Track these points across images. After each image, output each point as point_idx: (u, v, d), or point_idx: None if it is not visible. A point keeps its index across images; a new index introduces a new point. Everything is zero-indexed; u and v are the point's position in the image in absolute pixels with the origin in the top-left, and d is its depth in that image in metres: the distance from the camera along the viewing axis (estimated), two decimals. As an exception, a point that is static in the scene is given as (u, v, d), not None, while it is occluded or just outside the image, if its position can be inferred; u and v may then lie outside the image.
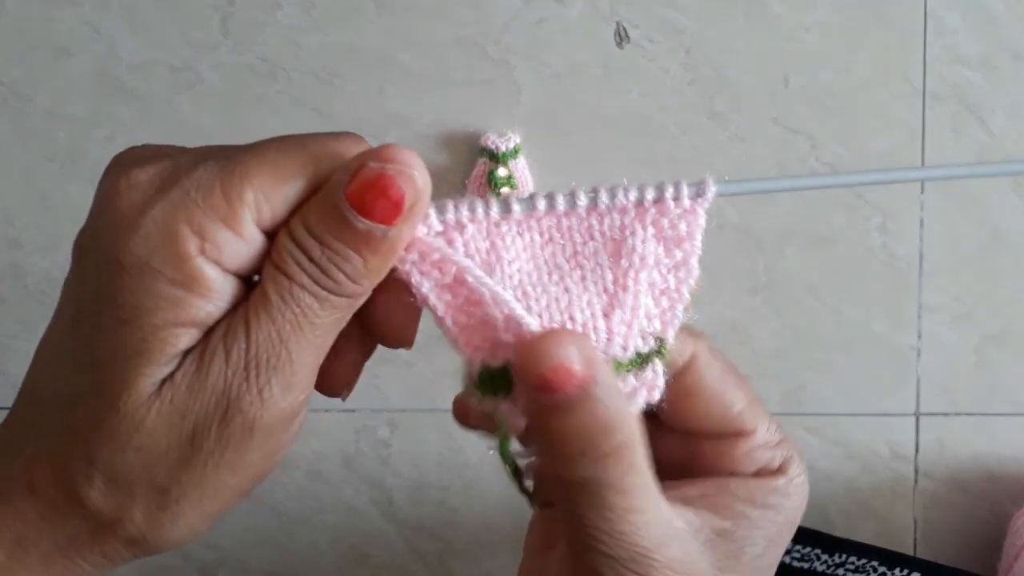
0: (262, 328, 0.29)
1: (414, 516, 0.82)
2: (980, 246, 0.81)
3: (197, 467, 0.30)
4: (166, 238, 0.29)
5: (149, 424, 0.29)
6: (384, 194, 0.29)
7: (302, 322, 0.30)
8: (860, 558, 0.68)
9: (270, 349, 0.29)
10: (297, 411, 0.31)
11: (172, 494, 0.30)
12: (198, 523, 0.32)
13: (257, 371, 0.29)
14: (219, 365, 0.29)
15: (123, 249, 0.29)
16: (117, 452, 0.30)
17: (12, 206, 0.80)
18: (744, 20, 0.79)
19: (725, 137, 0.79)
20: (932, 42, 0.79)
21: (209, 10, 0.78)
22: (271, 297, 0.29)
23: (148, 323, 0.29)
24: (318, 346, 0.31)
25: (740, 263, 0.80)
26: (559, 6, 0.78)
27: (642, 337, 0.34)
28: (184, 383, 0.29)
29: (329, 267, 0.29)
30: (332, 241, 0.29)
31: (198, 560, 0.83)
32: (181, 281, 0.29)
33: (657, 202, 0.33)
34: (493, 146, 0.76)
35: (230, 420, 0.30)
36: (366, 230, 0.29)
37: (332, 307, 0.30)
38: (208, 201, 0.29)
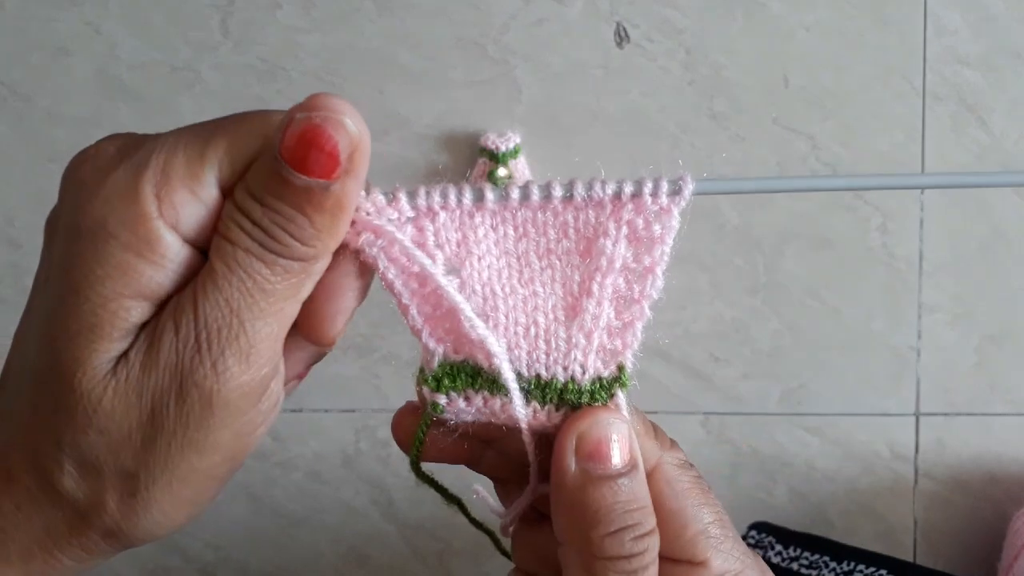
0: (209, 298, 0.28)
1: (414, 516, 0.82)
2: (980, 246, 0.81)
3: (161, 449, 0.29)
4: (125, 198, 0.28)
5: (107, 404, 0.28)
6: (315, 145, 0.27)
7: (251, 288, 0.28)
8: (869, 566, 0.68)
9: (220, 319, 0.28)
10: (263, 386, 0.29)
11: (140, 479, 0.29)
12: (172, 510, 0.30)
13: (209, 343, 0.28)
14: (169, 340, 0.28)
15: (83, 213, 0.28)
16: (80, 434, 0.28)
17: (12, 206, 0.80)
18: (744, 20, 0.79)
19: (725, 137, 0.79)
20: (932, 42, 0.79)
21: (209, 10, 0.78)
22: (216, 266, 0.28)
23: (97, 294, 0.28)
24: (276, 315, 0.29)
25: (740, 263, 0.80)
26: (559, 6, 0.78)
27: (602, 359, 0.32)
28: (137, 361, 0.28)
29: (273, 228, 0.28)
30: (272, 201, 0.28)
31: (198, 560, 0.83)
32: (135, 245, 0.28)
33: (635, 196, 0.31)
34: (493, 146, 0.76)
35: (186, 396, 0.28)
36: (305, 186, 0.28)
37: (284, 271, 0.28)
38: (171, 162, 0.28)
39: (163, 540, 0.32)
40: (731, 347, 0.80)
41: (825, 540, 0.73)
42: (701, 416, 0.81)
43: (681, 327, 0.79)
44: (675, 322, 0.79)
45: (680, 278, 0.78)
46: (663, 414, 0.80)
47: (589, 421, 0.31)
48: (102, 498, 0.29)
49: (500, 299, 0.32)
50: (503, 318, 0.32)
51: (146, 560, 0.82)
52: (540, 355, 0.32)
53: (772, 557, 0.72)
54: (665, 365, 0.79)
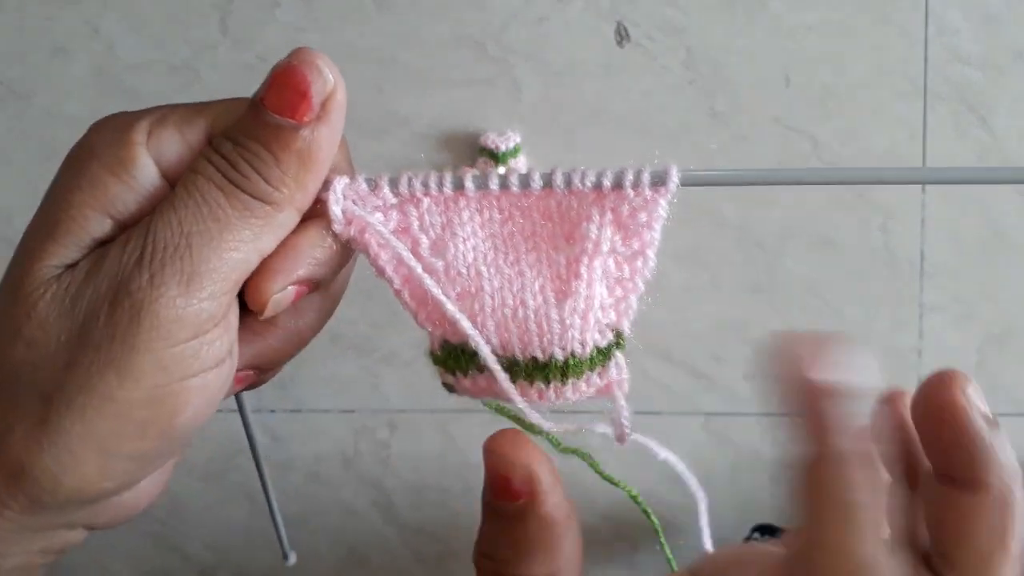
0: (163, 217, 0.28)
1: (414, 518, 0.82)
2: (981, 246, 0.81)
3: (82, 366, 0.27)
4: (118, 127, 0.30)
5: (42, 310, 0.28)
6: (289, 85, 0.29)
7: (206, 215, 0.28)
8: None
9: (168, 238, 0.28)
10: (199, 321, 0.28)
11: (53, 402, 0.27)
12: (80, 449, 0.28)
13: (151, 257, 0.28)
14: (117, 251, 0.28)
15: (79, 144, 0.30)
16: (8, 347, 0.28)
17: (11, 206, 0.79)
18: (745, 19, 0.78)
19: (726, 136, 0.79)
20: (933, 41, 0.79)
21: (208, 9, 0.78)
22: (177, 190, 0.29)
23: (65, 200, 0.29)
24: (227, 251, 0.28)
25: (741, 262, 0.80)
26: (559, 5, 0.78)
27: (599, 331, 0.32)
28: (83, 270, 0.28)
29: (238, 160, 0.29)
30: (242, 138, 0.29)
31: (198, 561, 0.83)
32: (111, 165, 0.29)
33: (616, 189, 0.31)
34: (493, 145, 0.76)
35: (117, 305, 0.28)
36: (276, 124, 0.29)
37: (243, 207, 0.29)
38: (172, 110, 0.30)
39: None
40: (732, 347, 0.80)
41: None
42: (702, 416, 0.81)
43: (682, 327, 0.79)
44: (676, 322, 0.79)
45: (681, 277, 0.78)
46: (664, 414, 0.80)
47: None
48: (11, 424, 0.28)
49: (485, 280, 0.32)
50: (489, 299, 0.32)
51: (145, 561, 0.82)
52: (532, 337, 0.32)
53: None
54: (666, 365, 0.79)
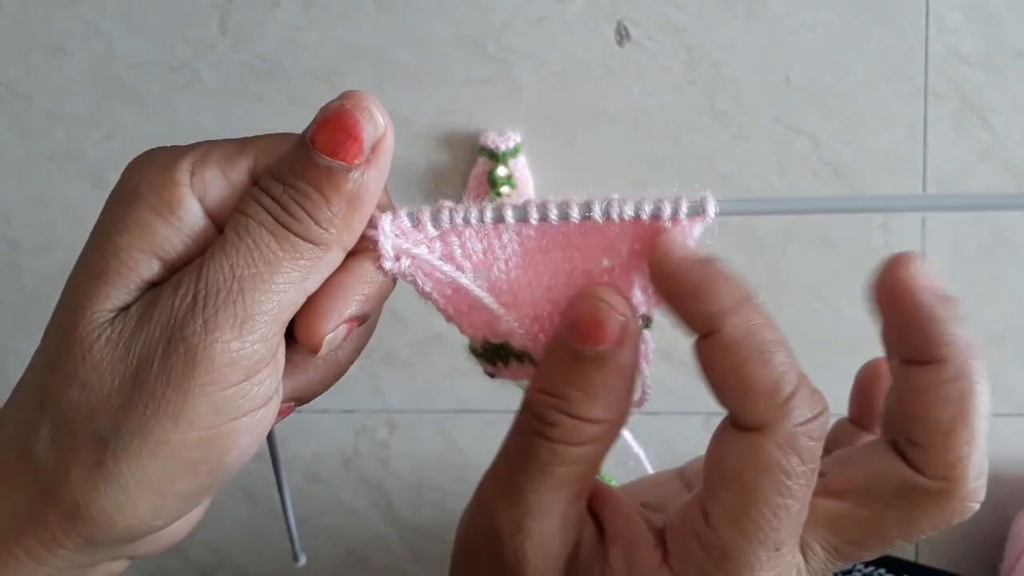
0: (215, 261, 0.29)
1: (413, 518, 0.82)
2: (981, 246, 0.80)
3: (137, 410, 0.28)
4: (162, 167, 0.29)
5: (96, 354, 0.28)
6: (342, 127, 0.29)
7: (257, 259, 0.29)
8: (867, 564, 0.68)
9: (220, 282, 0.28)
10: (251, 364, 0.29)
11: (109, 445, 0.28)
12: (135, 491, 0.28)
13: (204, 302, 0.28)
14: (168, 296, 0.28)
15: (124, 183, 0.30)
16: (63, 389, 0.28)
17: (10, 205, 0.79)
18: (745, 19, 0.78)
19: (727, 136, 0.79)
20: (934, 40, 0.79)
21: (208, 9, 0.78)
22: (227, 234, 0.29)
23: (112, 244, 0.29)
24: (277, 294, 0.29)
25: (741, 263, 0.80)
26: (559, 4, 0.78)
27: None
28: (136, 314, 0.29)
29: (289, 203, 0.29)
30: (293, 180, 0.29)
31: (197, 562, 0.83)
32: (157, 206, 0.29)
33: (654, 218, 0.32)
34: (493, 145, 0.75)
35: (172, 351, 0.28)
36: (327, 166, 0.29)
37: (292, 249, 0.29)
38: (213, 148, 0.30)
39: (127, 546, 0.31)
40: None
41: None
42: (702, 416, 0.81)
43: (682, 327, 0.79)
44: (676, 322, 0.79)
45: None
46: (665, 414, 0.80)
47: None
48: (67, 467, 0.28)
49: (526, 292, 0.34)
50: (530, 309, 0.34)
51: (145, 562, 0.82)
52: None
53: None
54: (667, 365, 0.79)
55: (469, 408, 0.80)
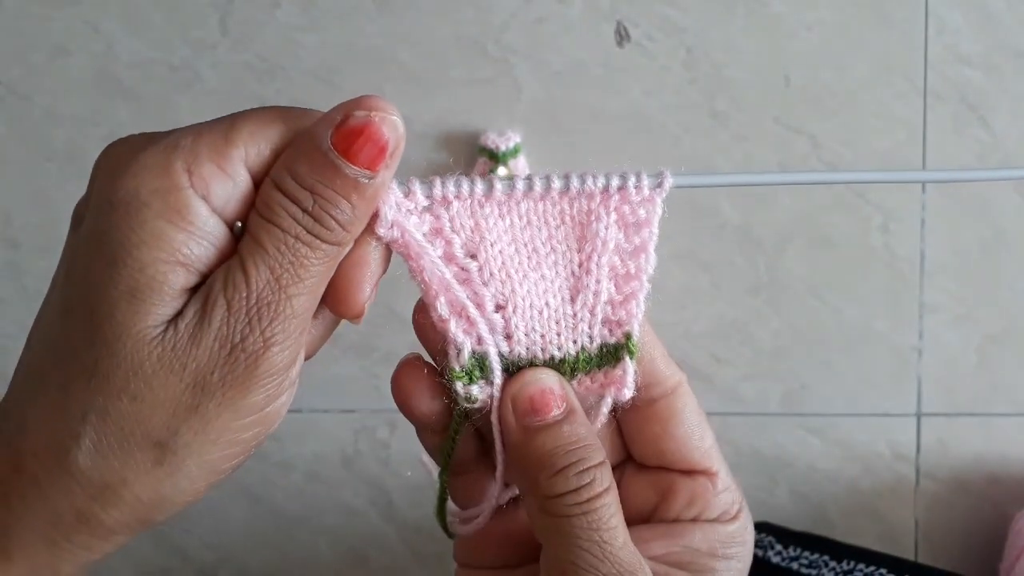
0: (261, 277, 0.30)
1: (413, 517, 0.82)
2: (982, 246, 0.81)
3: (199, 414, 0.30)
4: (157, 170, 0.30)
5: (148, 370, 0.29)
6: (371, 140, 0.30)
7: (299, 271, 0.31)
8: (869, 565, 0.68)
9: (270, 296, 0.30)
10: (295, 357, 0.32)
11: (170, 446, 0.30)
12: (197, 475, 0.31)
13: (259, 316, 0.30)
14: (221, 313, 0.30)
15: (116, 187, 0.30)
16: (112, 401, 0.29)
17: (10, 205, 0.79)
18: (745, 19, 0.78)
19: (726, 136, 0.79)
20: (933, 41, 0.79)
21: (208, 9, 0.78)
22: (268, 248, 0.30)
23: (135, 259, 0.29)
24: (313, 293, 0.31)
25: (741, 263, 0.80)
26: (559, 5, 0.78)
27: (609, 328, 0.36)
28: (187, 332, 0.30)
29: (322, 215, 0.31)
30: (324, 189, 0.30)
31: (197, 561, 0.83)
32: (167, 214, 0.29)
33: (620, 189, 0.35)
34: (493, 145, 0.76)
35: (234, 363, 0.30)
36: (354, 176, 0.30)
37: (324, 255, 0.31)
38: (198, 142, 0.31)
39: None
40: (732, 347, 0.80)
41: (825, 539, 0.73)
42: (702, 416, 0.81)
43: (682, 327, 0.79)
44: (676, 322, 0.79)
45: (681, 278, 0.78)
46: (664, 414, 0.80)
47: (520, 382, 0.35)
48: (123, 472, 0.30)
49: (516, 283, 0.35)
50: (521, 301, 0.35)
51: (144, 562, 0.82)
52: (552, 336, 0.35)
53: (772, 557, 0.72)
54: (666, 365, 0.79)
55: (469, 408, 0.80)
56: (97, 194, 0.31)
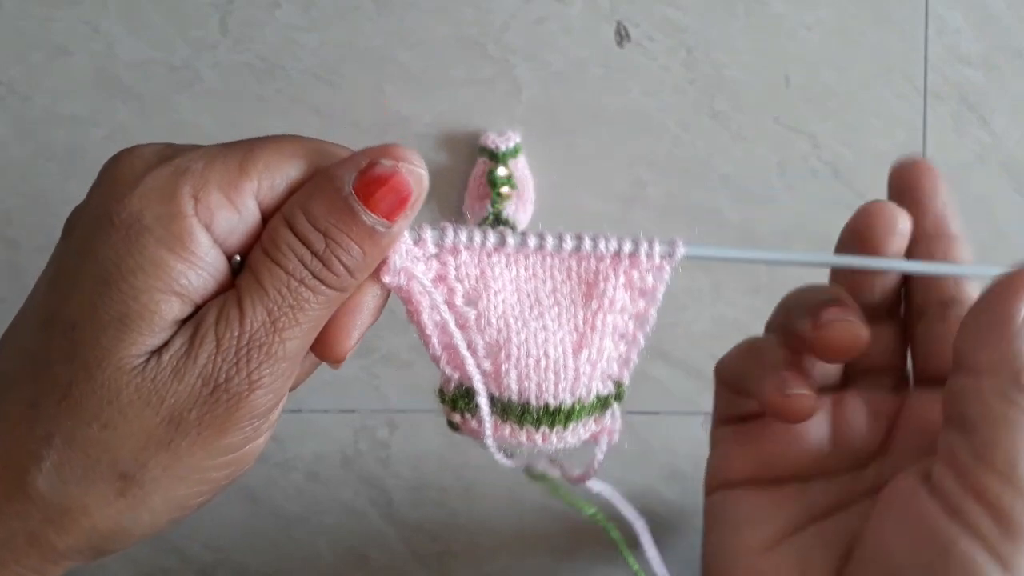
0: (257, 318, 0.29)
1: (413, 517, 0.82)
2: (982, 246, 0.80)
3: (171, 450, 0.29)
4: (163, 195, 0.29)
5: (124, 399, 0.28)
6: (394, 190, 0.29)
7: (298, 314, 0.29)
8: None
9: (263, 338, 0.29)
10: (280, 399, 0.31)
11: (136, 479, 0.29)
12: (161, 510, 0.30)
13: (248, 358, 0.29)
14: (209, 350, 0.29)
15: (118, 205, 0.29)
16: (81, 426, 0.28)
17: (10, 205, 0.79)
18: (745, 19, 0.78)
19: (726, 136, 0.79)
20: (933, 41, 0.79)
21: (208, 9, 0.78)
22: (268, 290, 0.29)
23: (130, 285, 0.28)
24: (308, 336, 0.30)
25: (741, 263, 0.80)
26: (559, 5, 0.78)
27: (602, 381, 0.36)
28: (170, 365, 0.29)
29: (332, 260, 0.29)
30: (338, 234, 0.29)
31: (197, 561, 0.83)
32: (168, 242, 0.28)
33: (632, 255, 0.36)
34: (493, 145, 0.75)
35: (215, 401, 0.29)
36: (371, 224, 0.29)
37: (326, 300, 0.30)
38: (210, 167, 0.29)
39: (158, 541, 0.32)
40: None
41: None
42: (702, 416, 0.81)
43: (682, 327, 0.79)
44: (676, 323, 0.79)
45: (681, 278, 0.78)
46: (664, 415, 0.80)
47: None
48: (83, 499, 0.28)
49: (513, 332, 0.35)
50: (515, 349, 0.35)
51: (143, 562, 0.82)
52: (549, 385, 0.35)
53: None
54: (666, 366, 0.79)
55: (469, 408, 0.80)
56: (97, 207, 0.29)
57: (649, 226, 0.77)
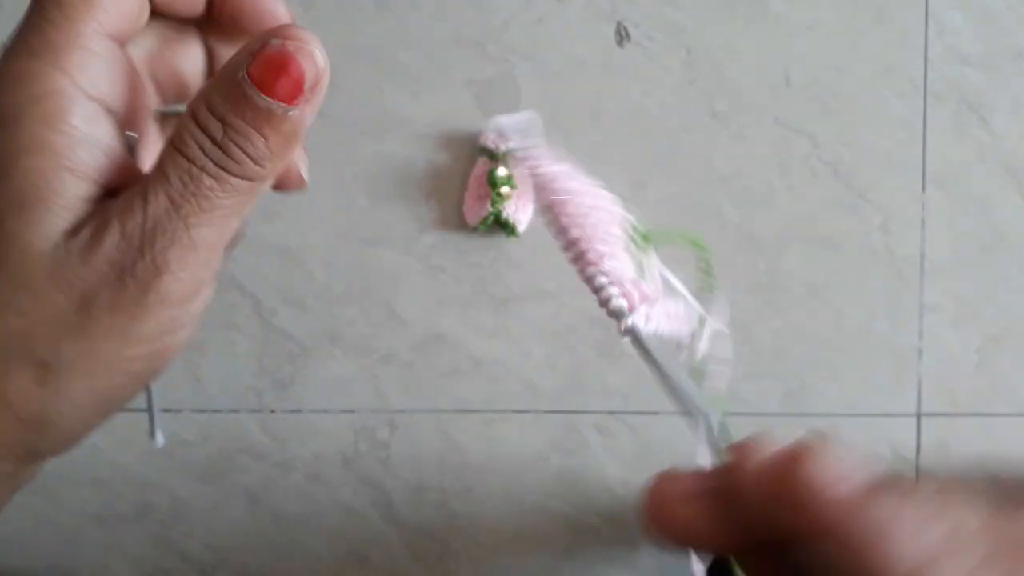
0: (160, 205, 0.29)
1: (413, 518, 0.82)
2: (982, 246, 0.80)
3: (86, 335, 0.29)
4: (30, 75, 0.29)
5: (36, 284, 0.28)
6: (285, 71, 0.29)
7: (203, 203, 0.29)
8: None
9: (167, 223, 0.29)
10: (196, 287, 0.30)
11: (54, 367, 0.29)
12: (83, 402, 0.30)
13: (152, 242, 0.29)
14: (114, 236, 0.29)
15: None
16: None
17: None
18: (745, 19, 0.78)
19: (726, 136, 0.79)
20: (933, 41, 0.79)
21: (208, 9, 0.78)
22: (171, 179, 0.29)
23: (20, 167, 0.28)
24: (220, 226, 0.30)
25: (741, 263, 0.80)
26: (559, 5, 0.78)
27: None
28: (77, 250, 0.29)
29: (231, 147, 0.29)
30: (234, 120, 0.29)
31: (197, 562, 0.83)
32: (47, 119, 0.28)
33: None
34: (493, 145, 0.75)
35: (123, 286, 0.29)
36: (267, 108, 0.29)
37: (233, 189, 0.30)
38: (57, 29, 0.29)
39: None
40: (732, 347, 0.80)
41: None
42: (702, 417, 0.81)
43: (682, 327, 0.79)
44: (676, 322, 0.79)
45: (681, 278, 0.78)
46: (664, 414, 0.80)
47: None
48: (4, 389, 0.29)
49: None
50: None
51: (143, 562, 0.82)
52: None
53: None
54: (666, 365, 0.79)
55: (469, 408, 0.80)
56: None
57: (649, 226, 0.77)
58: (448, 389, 0.80)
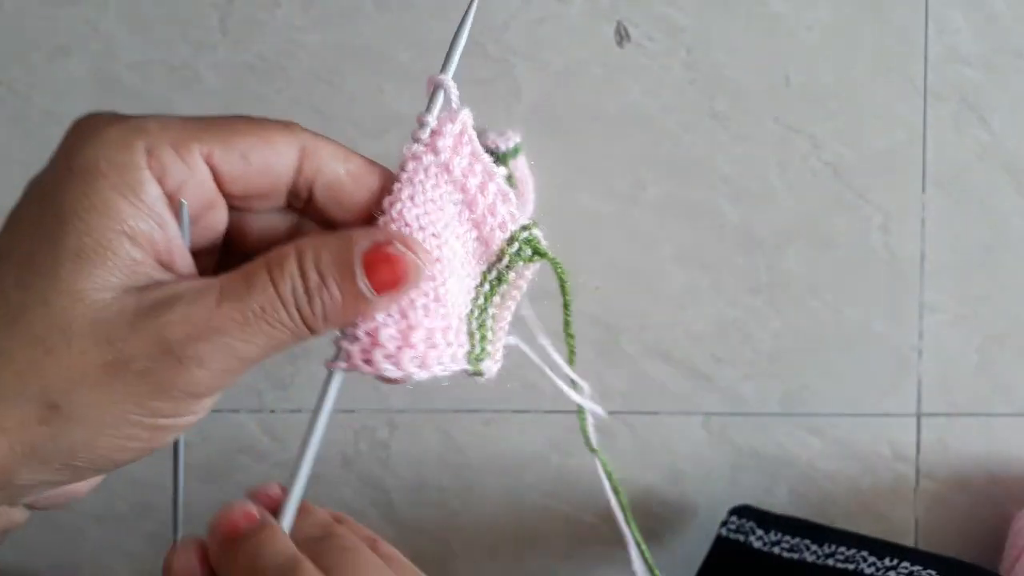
0: (231, 314, 0.31)
1: (413, 518, 0.82)
2: (982, 246, 0.80)
3: (104, 391, 0.30)
4: (119, 146, 0.31)
5: (75, 329, 0.29)
6: (394, 272, 0.33)
7: (266, 329, 0.31)
8: (850, 548, 0.68)
9: (230, 330, 0.31)
10: (218, 390, 0.32)
11: (63, 411, 0.29)
12: (80, 448, 0.30)
13: (209, 340, 0.30)
14: (174, 318, 0.30)
15: (77, 155, 0.31)
16: (23, 347, 0.29)
17: (9, 205, 0.79)
18: (745, 19, 0.78)
19: (726, 136, 0.79)
20: (933, 41, 0.79)
21: (208, 9, 0.78)
22: (253, 297, 0.31)
23: (84, 223, 0.30)
24: (264, 350, 0.32)
25: (741, 263, 0.80)
26: (559, 5, 0.78)
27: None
28: (129, 313, 0.30)
29: (316, 302, 0.32)
30: (332, 285, 0.32)
31: (197, 561, 0.83)
32: (121, 188, 0.30)
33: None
34: (493, 145, 0.75)
35: (162, 364, 0.30)
36: (361, 288, 0.32)
37: (293, 330, 0.32)
38: (164, 128, 0.32)
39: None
40: (732, 347, 0.80)
41: (805, 522, 0.72)
42: (702, 416, 0.81)
43: (682, 327, 0.79)
44: (676, 322, 0.79)
45: (681, 278, 0.78)
46: (664, 415, 0.80)
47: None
48: (2, 419, 0.29)
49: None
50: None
51: (145, 561, 0.82)
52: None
53: (754, 542, 0.72)
54: (666, 365, 0.79)
55: (469, 408, 0.80)
56: (57, 160, 0.32)
57: (649, 226, 0.77)
58: (448, 389, 0.80)
